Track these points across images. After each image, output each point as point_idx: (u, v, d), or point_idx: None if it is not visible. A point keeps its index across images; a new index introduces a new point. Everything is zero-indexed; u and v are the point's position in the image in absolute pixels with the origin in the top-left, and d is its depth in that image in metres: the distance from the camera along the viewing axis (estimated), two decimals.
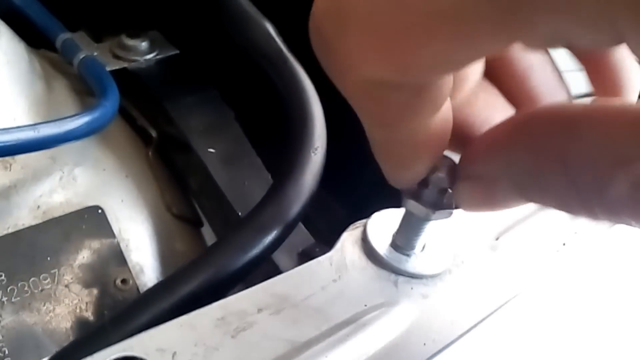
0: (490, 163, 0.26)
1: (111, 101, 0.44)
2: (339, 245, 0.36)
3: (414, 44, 0.18)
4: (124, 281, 0.44)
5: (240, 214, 0.46)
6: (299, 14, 0.58)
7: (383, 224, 0.37)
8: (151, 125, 0.52)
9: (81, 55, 0.50)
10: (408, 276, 0.35)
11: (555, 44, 0.17)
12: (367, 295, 0.33)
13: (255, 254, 0.36)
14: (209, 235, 0.52)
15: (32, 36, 0.55)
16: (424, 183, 0.29)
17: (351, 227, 0.37)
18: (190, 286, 0.33)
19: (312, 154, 0.40)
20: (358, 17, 0.19)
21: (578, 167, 0.21)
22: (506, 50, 0.27)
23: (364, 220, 0.37)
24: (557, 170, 0.22)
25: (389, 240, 0.36)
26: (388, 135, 0.25)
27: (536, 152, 0.23)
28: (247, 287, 0.32)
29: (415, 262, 0.35)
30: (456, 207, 0.31)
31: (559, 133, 0.22)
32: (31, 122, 0.45)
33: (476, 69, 0.27)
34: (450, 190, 0.30)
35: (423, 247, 0.36)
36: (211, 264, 0.34)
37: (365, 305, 0.33)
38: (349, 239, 0.36)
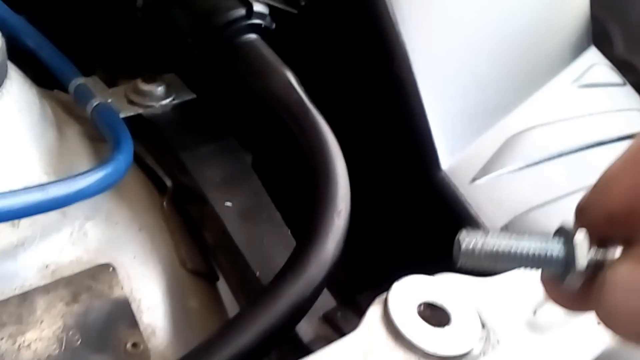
0: None
1: (125, 154, 0.42)
2: (363, 325, 0.33)
3: None
4: (135, 345, 0.42)
5: (257, 273, 0.43)
6: (322, 61, 0.56)
7: (406, 295, 0.35)
8: (166, 174, 0.50)
9: (94, 102, 0.48)
10: (437, 358, 0.32)
11: None
12: None
13: (273, 332, 0.33)
14: (225, 290, 0.50)
15: (47, 76, 0.53)
16: None
17: (376, 300, 0.35)
18: None
19: (336, 218, 0.37)
20: None
21: None
22: None
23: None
24: None
25: (415, 313, 0.34)
26: None
27: None
28: None
29: (444, 340, 0.33)
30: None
31: None
32: (42, 172, 0.44)
33: None
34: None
35: (453, 322, 0.34)
36: (227, 344, 0.32)
37: None
38: (373, 316, 0.34)
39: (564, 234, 0.25)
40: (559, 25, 0.71)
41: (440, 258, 0.32)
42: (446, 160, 0.52)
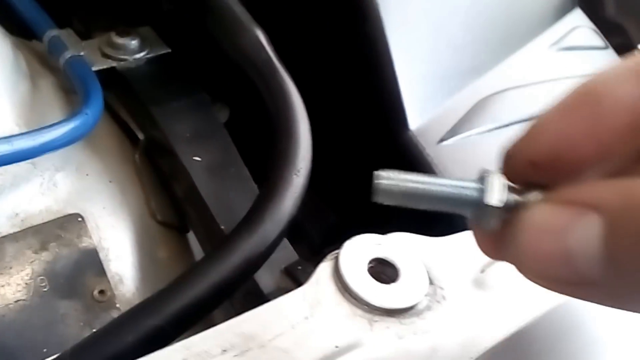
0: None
1: (93, 109, 0.43)
2: (313, 278, 0.35)
3: None
4: (101, 292, 0.44)
5: (222, 227, 0.45)
6: (294, 20, 0.56)
7: (357, 252, 0.36)
8: (139, 127, 0.51)
9: (67, 55, 0.48)
10: (384, 313, 0.34)
11: None
12: (340, 334, 0.32)
13: (225, 284, 0.35)
14: (195, 240, 0.51)
15: (25, 25, 0.53)
16: None
17: (329, 256, 0.36)
18: (155, 320, 0.32)
19: (294, 176, 0.38)
20: None
21: None
22: None
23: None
24: None
25: (365, 269, 0.35)
26: None
27: None
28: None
29: (391, 294, 0.34)
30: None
31: None
32: (14, 124, 0.45)
33: None
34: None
35: (401, 278, 0.35)
36: (176, 297, 0.34)
37: (337, 347, 0.32)
38: (324, 271, 0.35)
39: (482, 175, 0.25)
40: None
41: (405, 216, 0.33)
42: (415, 121, 0.52)
